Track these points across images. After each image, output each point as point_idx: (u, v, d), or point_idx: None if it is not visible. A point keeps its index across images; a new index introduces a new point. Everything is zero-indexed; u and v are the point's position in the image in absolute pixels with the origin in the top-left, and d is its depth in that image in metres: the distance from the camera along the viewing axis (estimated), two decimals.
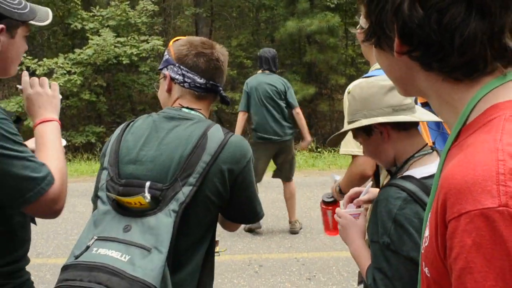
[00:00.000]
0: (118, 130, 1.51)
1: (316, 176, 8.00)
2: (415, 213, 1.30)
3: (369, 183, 1.78)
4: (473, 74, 0.70)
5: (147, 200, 1.29)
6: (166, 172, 1.35)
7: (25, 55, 10.26)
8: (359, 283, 1.63)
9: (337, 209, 1.62)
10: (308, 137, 5.38)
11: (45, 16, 1.51)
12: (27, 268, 1.51)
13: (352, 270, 4.13)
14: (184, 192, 1.31)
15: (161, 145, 1.39)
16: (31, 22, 1.44)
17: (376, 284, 1.32)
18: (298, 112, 5.26)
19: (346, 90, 1.56)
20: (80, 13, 12.15)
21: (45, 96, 1.50)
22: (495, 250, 0.55)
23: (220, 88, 1.55)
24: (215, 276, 1.52)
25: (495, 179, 0.57)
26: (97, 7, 12.21)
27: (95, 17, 11.96)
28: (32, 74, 12.22)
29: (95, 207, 1.39)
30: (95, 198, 1.42)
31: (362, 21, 2.04)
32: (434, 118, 1.48)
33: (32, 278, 1.55)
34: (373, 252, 1.37)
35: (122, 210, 1.33)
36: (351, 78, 14.20)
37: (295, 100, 5.29)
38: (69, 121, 13.36)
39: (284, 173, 5.31)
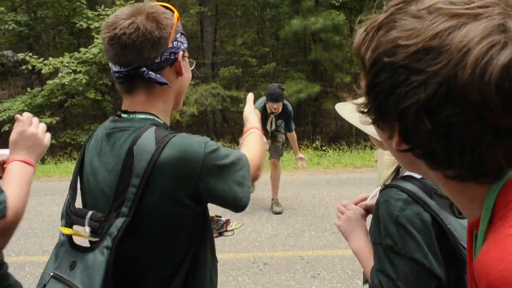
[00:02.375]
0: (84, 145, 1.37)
1: (321, 174, 7.99)
2: (416, 214, 1.30)
3: (378, 188, 1.78)
4: (484, 179, 0.65)
5: (86, 234, 1.16)
6: (108, 201, 1.18)
7: (30, 54, 10.17)
8: (364, 282, 1.63)
9: (345, 201, 1.59)
10: None
11: None
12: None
13: (356, 268, 4.12)
14: (117, 224, 1.12)
15: (105, 169, 1.21)
16: None
17: (382, 287, 1.32)
18: None
19: None
20: (85, 12, 12.19)
21: (39, 141, 1.44)
22: None
23: (143, 69, 1.18)
24: (219, 274, 1.49)
25: None
26: (102, 6, 12.24)
27: (100, 16, 11.98)
28: (38, 73, 12.29)
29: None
30: None
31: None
32: None
33: (38, 275, 1.57)
34: (376, 254, 1.37)
35: (73, 242, 1.22)
36: (356, 77, 14.17)
37: None
38: (74, 120, 13.43)
39: None
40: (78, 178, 1.32)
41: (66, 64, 11.01)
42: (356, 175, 7.76)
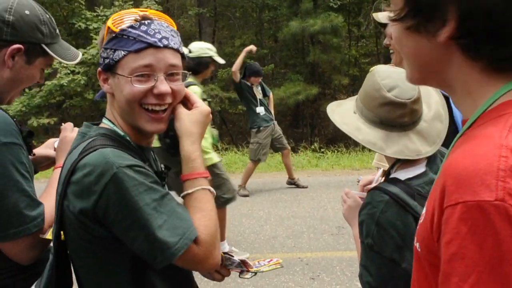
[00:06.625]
0: None
1: (319, 176, 8.00)
2: (397, 215, 1.34)
3: (380, 170, 1.78)
4: (508, 68, 0.69)
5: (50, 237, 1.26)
6: None
7: None
8: None
9: (347, 190, 1.66)
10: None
11: (74, 56, 1.49)
12: None
13: (355, 270, 4.12)
14: (54, 231, 1.18)
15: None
16: (57, 57, 1.41)
17: (361, 280, 1.41)
18: None
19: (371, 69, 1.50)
20: (84, 13, 12.19)
21: None
22: (488, 240, 0.58)
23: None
24: None
25: (495, 174, 0.59)
26: (101, 7, 12.25)
27: (99, 17, 11.99)
28: None
29: None
30: None
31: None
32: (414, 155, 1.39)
33: None
34: (361, 250, 1.43)
35: None
36: (354, 79, 14.20)
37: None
38: (72, 121, 13.32)
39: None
40: None
41: (65, 65, 11.00)
42: (355, 177, 7.76)
